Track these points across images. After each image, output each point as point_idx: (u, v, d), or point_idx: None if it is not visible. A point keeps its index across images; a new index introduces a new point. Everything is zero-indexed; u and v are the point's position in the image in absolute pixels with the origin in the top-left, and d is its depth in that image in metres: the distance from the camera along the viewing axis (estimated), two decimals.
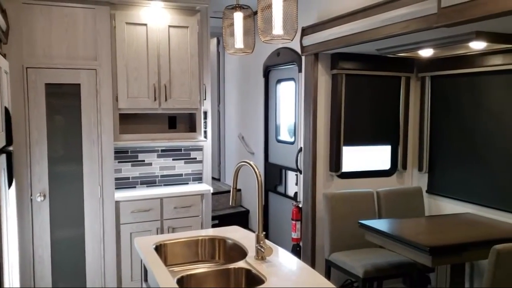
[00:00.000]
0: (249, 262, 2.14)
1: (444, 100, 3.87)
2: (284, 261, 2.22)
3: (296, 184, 4.48)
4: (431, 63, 3.85)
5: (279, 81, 5.01)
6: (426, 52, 3.37)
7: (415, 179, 4.18)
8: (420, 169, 4.07)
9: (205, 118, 4.22)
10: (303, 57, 4.06)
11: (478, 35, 2.66)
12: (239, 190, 5.83)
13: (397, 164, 4.16)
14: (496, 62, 3.29)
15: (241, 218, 5.55)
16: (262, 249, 2.15)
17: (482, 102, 3.51)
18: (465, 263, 3.29)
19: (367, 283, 3.33)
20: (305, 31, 3.86)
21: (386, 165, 4.21)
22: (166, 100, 3.90)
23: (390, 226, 3.28)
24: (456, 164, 3.74)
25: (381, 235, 3.09)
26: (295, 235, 4.17)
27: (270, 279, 1.95)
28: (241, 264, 2.15)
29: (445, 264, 2.97)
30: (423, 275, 3.67)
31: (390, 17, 2.82)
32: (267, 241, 2.24)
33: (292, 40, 2.04)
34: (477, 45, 2.95)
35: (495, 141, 3.40)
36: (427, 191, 4.02)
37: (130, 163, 4.14)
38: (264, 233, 2.20)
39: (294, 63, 4.46)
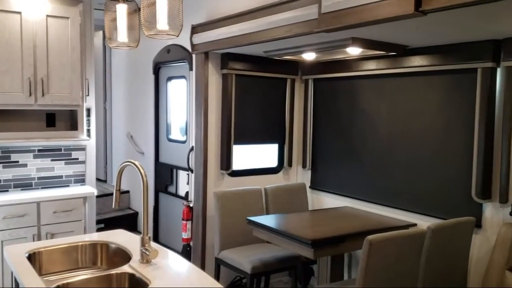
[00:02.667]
0: (133, 266, 2.06)
1: (325, 101, 4.12)
2: (171, 263, 2.17)
3: (188, 183, 4.44)
4: (314, 66, 4.07)
5: (169, 78, 4.91)
6: (309, 56, 3.56)
7: (300, 175, 4.40)
8: (304, 166, 4.29)
9: (88, 115, 3.98)
10: (193, 55, 4.03)
11: (354, 41, 2.87)
12: (127, 191, 5.60)
13: (283, 162, 4.33)
14: (370, 67, 3.58)
15: (129, 221, 5.33)
16: (147, 252, 2.08)
17: (358, 104, 3.80)
18: (344, 253, 3.54)
19: (255, 279, 3.41)
20: (195, 29, 3.83)
21: (273, 162, 4.37)
22: (43, 95, 3.59)
23: (276, 221, 3.40)
24: (335, 161, 4.01)
25: (268, 230, 3.19)
26: (185, 235, 4.12)
27: (154, 282, 1.89)
28: (124, 268, 2.06)
29: (326, 255, 3.16)
30: (307, 267, 3.87)
31: (275, 20, 2.92)
32: (152, 243, 2.18)
33: (177, 36, 2.00)
34: (354, 51, 3.18)
35: (369, 140, 3.71)
36: (310, 187, 4.26)
37: (1, 165, 3.73)
38: (150, 235, 2.14)
39: (185, 60, 4.40)
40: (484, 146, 2.86)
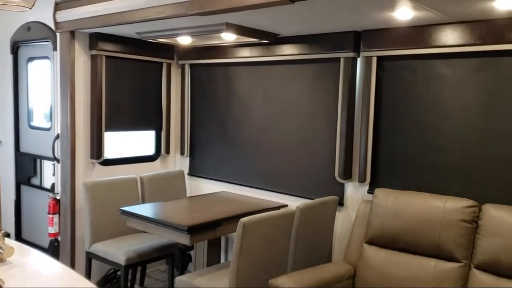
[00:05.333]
0: None
1: (202, 87, 4.10)
2: (30, 261, 1.98)
3: (54, 174, 4.10)
4: (190, 51, 4.02)
5: (31, 59, 4.45)
6: (185, 40, 3.49)
7: (178, 162, 4.34)
8: (182, 153, 4.25)
9: None
10: (57, 34, 3.70)
11: (228, 27, 2.89)
12: None
13: (161, 149, 4.23)
14: (245, 54, 3.65)
15: None
16: (0, 250, 1.87)
17: (234, 90, 3.86)
18: (221, 237, 3.59)
19: (129, 270, 3.29)
20: (59, 6, 3.50)
21: (150, 150, 4.24)
22: None
23: (152, 210, 3.31)
24: (213, 147, 4.04)
25: (143, 220, 3.09)
26: (52, 229, 3.81)
27: (9, 282, 1.70)
28: None
29: (202, 240, 3.17)
30: (185, 254, 3.85)
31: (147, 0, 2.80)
32: (9, 240, 1.96)
33: (31, 8, 1.80)
34: (228, 37, 3.20)
35: (244, 126, 3.79)
36: (188, 174, 4.23)
37: None
38: (4, 231, 1.91)
39: (48, 40, 4.01)
40: (346, 131, 3.11)
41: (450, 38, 2.64)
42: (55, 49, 3.91)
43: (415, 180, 2.87)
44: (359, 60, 3.09)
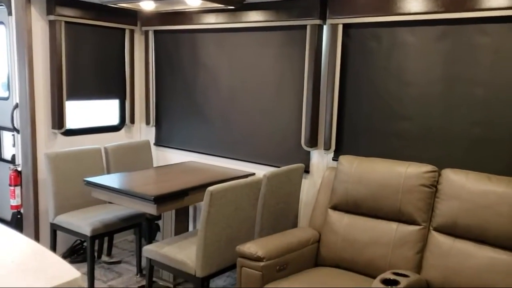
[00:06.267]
0: None
1: (167, 55, 4.01)
2: None
3: (14, 145, 3.96)
4: (154, 17, 3.90)
5: None
6: (148, 5, 3.38)
7: (144, 132, 4.27)
8: (147, 123, 4.17)
9: None
10: None
11: None
12: None
13: (125, 119, 4.15)
14: (211, 21, 3.57)
15: None
16: None
17: (200, 58, 3.78)
18: (189, 206, 3.59)
19: (96, 241, 3.26)
20: None
21: (114, 120, 4.15)
22: None
23: (117, 180, 3.26)
24: (180, 116, 3.98)
25: (108, 190, 3.05)
26: (14, 202, 3.71)
27: None
28: None
29: (169, 210, 3.16)
30: (152, 224, 3.84)
31: None
32: None
33: None
34: (193, 2, 3.11)
35: (211, 95, 3.75)
36: (155, 144, 4.18)
37: None
38: None
39: (2, 4, 3.80)
40: (312, 99, 3.12)
41: (414, 5, 2.66)
42: (10, 13, 3.71)
43: (378, 147, 2.93)
44: (325, 28, 3.07)
